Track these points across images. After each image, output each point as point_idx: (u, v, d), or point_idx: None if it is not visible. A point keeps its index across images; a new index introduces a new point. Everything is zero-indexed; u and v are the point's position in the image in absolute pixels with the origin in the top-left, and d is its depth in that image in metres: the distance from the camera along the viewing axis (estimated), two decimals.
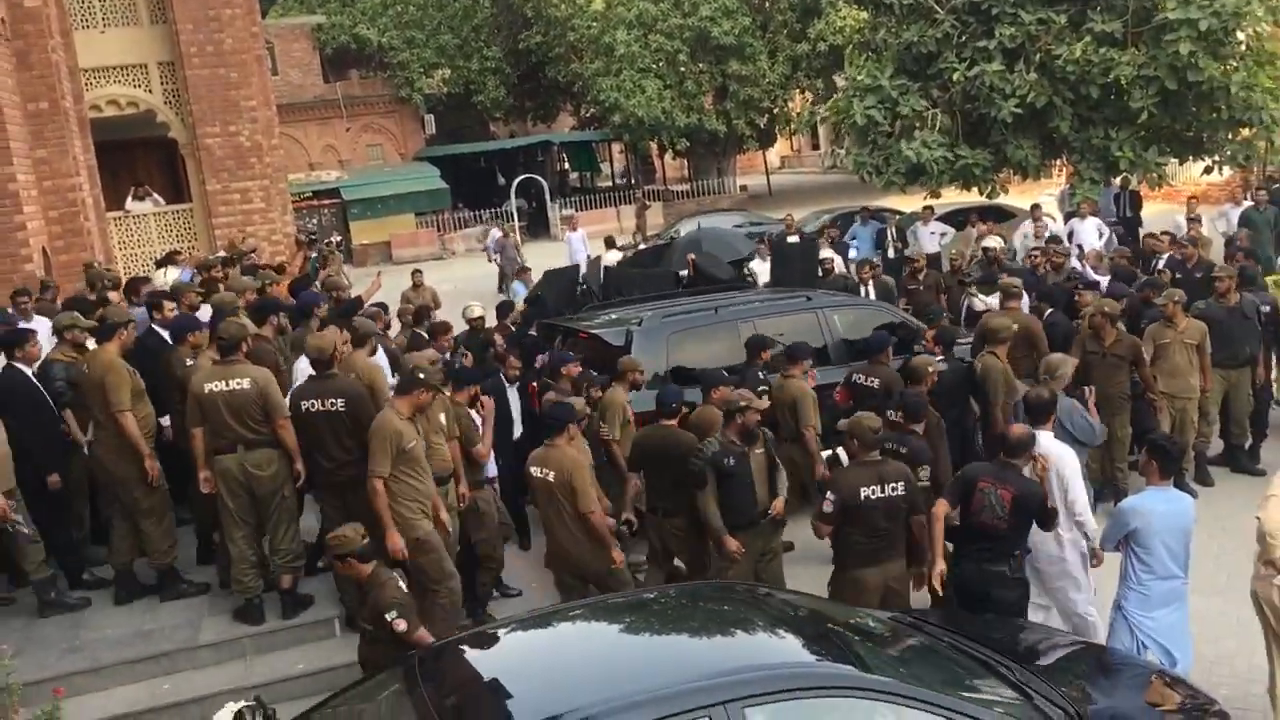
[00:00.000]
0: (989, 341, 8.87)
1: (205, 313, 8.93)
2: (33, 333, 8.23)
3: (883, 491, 6.36)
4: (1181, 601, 6.07)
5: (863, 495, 6.36)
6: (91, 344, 8.07)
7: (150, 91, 18.27)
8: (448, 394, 7.64)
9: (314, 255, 17.44)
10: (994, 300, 11.19)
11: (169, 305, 8.89)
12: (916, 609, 6.39)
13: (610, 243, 20.18)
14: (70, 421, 7.98)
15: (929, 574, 6.36)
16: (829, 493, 6.51)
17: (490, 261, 24.30)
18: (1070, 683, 4.92)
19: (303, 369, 7.84)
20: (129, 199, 19.08)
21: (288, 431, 7.19)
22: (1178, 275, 11.20)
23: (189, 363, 7.88)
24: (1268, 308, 10.17)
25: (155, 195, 19.33)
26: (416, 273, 16.16)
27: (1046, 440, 6.68)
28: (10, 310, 9.66)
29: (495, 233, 26.50)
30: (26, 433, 7.56)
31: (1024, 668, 4.90)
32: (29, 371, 7.87)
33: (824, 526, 6.56)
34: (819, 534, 6.71)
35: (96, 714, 6.61)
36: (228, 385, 7.09)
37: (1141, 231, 16.86)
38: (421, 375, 6.84)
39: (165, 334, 8.53)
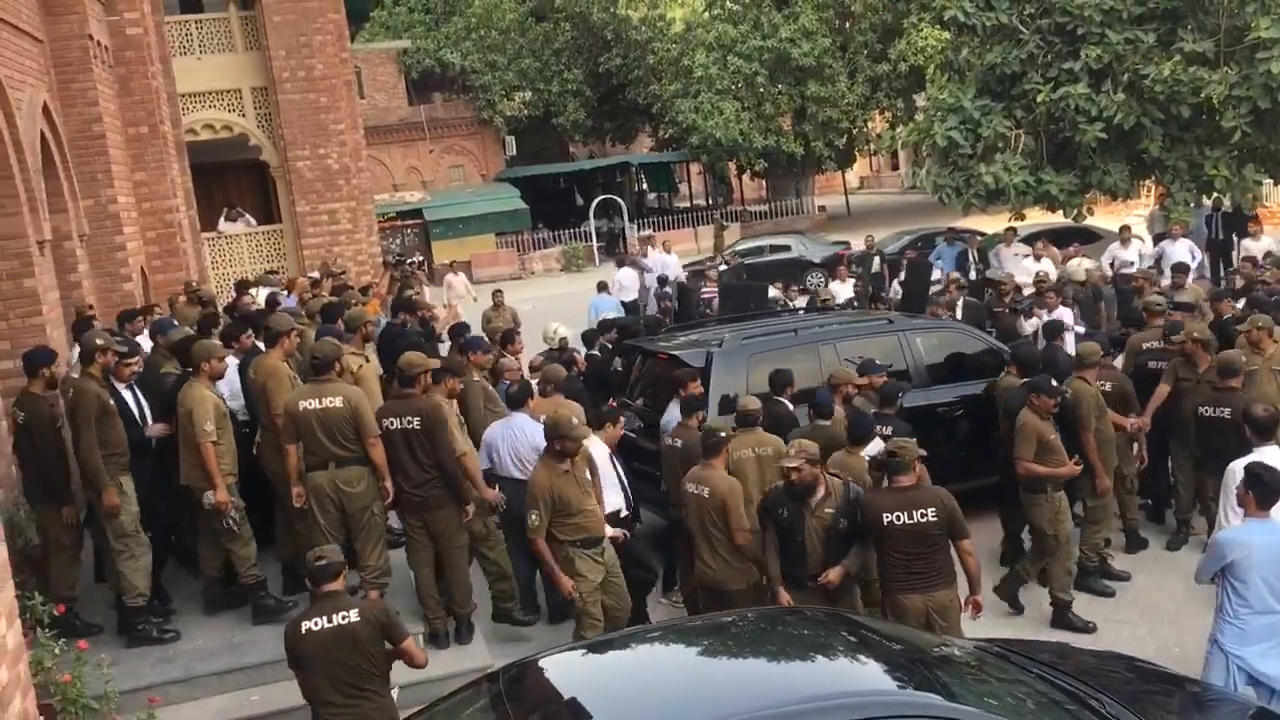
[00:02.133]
0: (1079, 366, 8.72)
1: None
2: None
3: (910, 518, 6.33)
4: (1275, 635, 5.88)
5: (886, 520, 6.35)
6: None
7: (244, 115, 18.83)
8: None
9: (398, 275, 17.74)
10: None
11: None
12: (1005, 639, 6.29)
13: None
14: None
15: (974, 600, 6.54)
16: (857, 512, 6.62)
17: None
18: (1162, 719, 4.82)
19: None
20: (222, 220, 19.65)
21: (378, 450, 7.34)
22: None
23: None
24: None
25: (247, 216, 19.88)
26: (497, 293, 16.35)
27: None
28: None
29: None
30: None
31: (1116, 701, 4.81)
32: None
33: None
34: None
35: None
36: (321, 403, 7.27)
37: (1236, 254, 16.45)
38: (562, 432, 7.01)
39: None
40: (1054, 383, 8.21)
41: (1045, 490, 7.93)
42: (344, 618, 5.48)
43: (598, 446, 7.73)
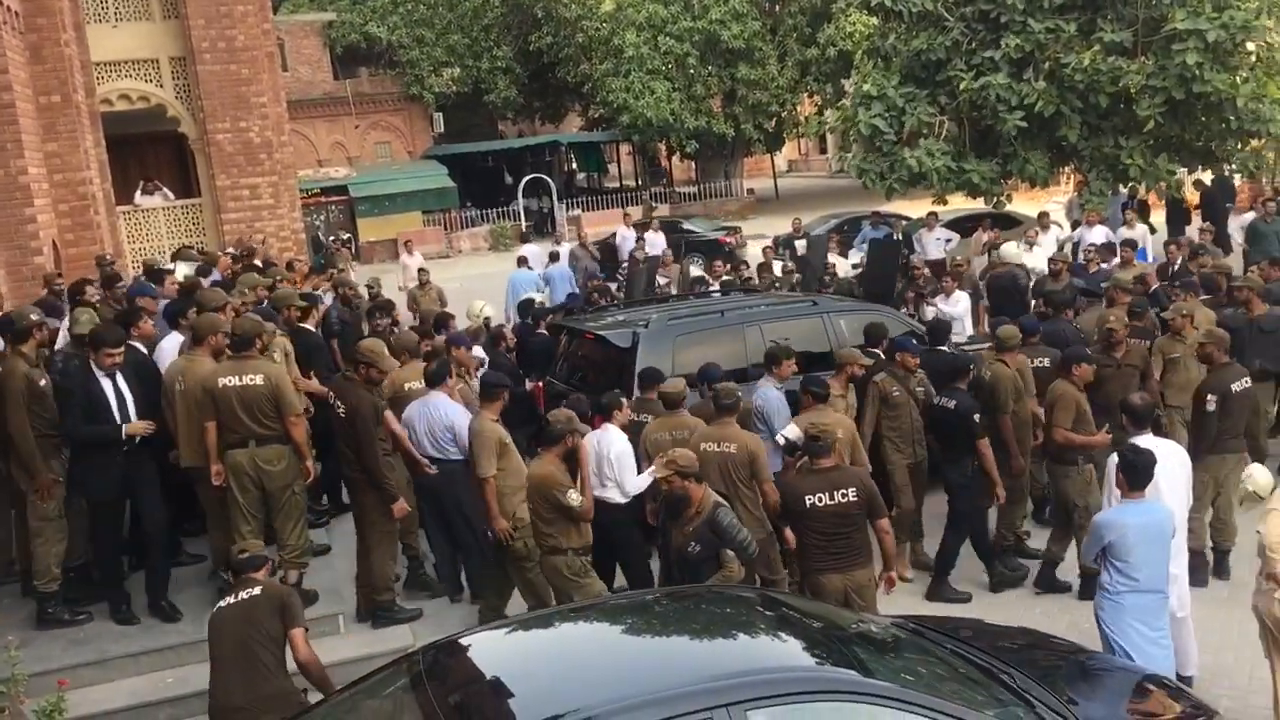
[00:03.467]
0: (999, 349, 8.89)
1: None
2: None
3: (832, 498, 6.44)
4: (1159, 612, 6.12)
5: (808, 502, 6.46)
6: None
7: (161, 86, 18.36)
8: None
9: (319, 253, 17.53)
10: (950, 308, 12.09)
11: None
12: (920, 615, 6.42)
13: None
14: None
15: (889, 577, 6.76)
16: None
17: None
18: (1058, 688, 4.94)
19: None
20: (138, 193, 19.17)
21: (299, 429, 7.24)
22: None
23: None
24: None
25: (165, 190, 19.43)
26: (423, 271, 16.19)
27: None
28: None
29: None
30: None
31: (1026, 675, 4.92)
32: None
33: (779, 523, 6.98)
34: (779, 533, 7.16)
35: (100, 706, 6.67)
36: (241, 380, 7.13)
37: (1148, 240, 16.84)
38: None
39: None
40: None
41: (1076, 462, 8.07)
42: (249, 593, 5.64)
43: (613, 432, 7.65)
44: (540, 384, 10.54)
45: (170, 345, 8.20)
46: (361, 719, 4.85)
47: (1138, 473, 6.11)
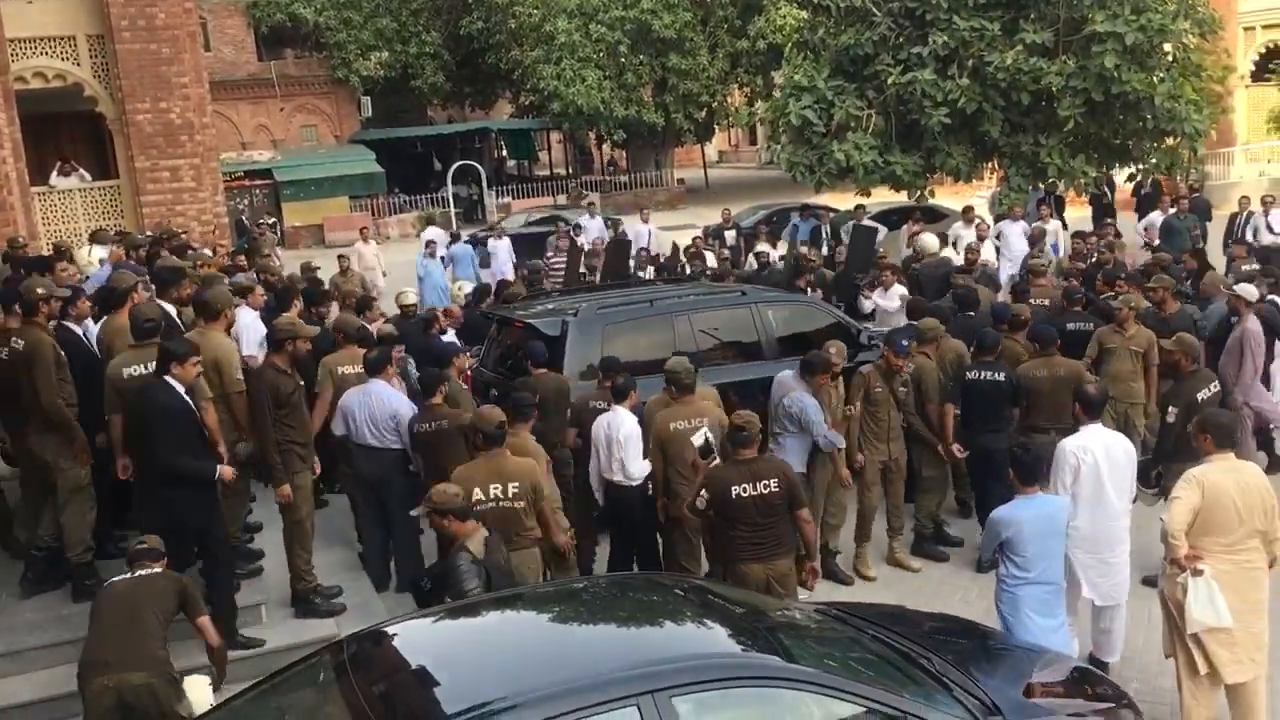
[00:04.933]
0: (920, 342, 9.04)
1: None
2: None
3: (755, 489, 6.52)
4: (1055, 603, 6.32)
5: (734, 493, 6.53)
6: None
7: (78, 64, 17.85)
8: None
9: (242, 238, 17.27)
10: (882, 300, 12.35)
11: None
12: (843, 602, 6.52)
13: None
14: None
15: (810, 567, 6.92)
16: (702, 490, 6.72)
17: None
18: (971, 672, 5.06)
19: None
20: (54, 174, 18.64)
21: (210, 415, 7.01)
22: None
23: None
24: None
25: (82, 171, 18.90)
26: (342, 258, 16.00)
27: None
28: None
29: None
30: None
31: (944, 660, 5.04)
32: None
33: (693, 519, 7.02)
34: (688, 525, 7.29)
35: (15, 698, 6.51)
36: (146, 368, 6.93)
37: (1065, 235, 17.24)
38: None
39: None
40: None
41: None
42: (147, 572, 5.78)
43: (624, 415, 7.64)
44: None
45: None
46: (285, 709, 4.81)
47: (1028, 468, 6.33)
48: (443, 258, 17.97)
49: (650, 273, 15.77)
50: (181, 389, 6.62)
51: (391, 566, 8.43)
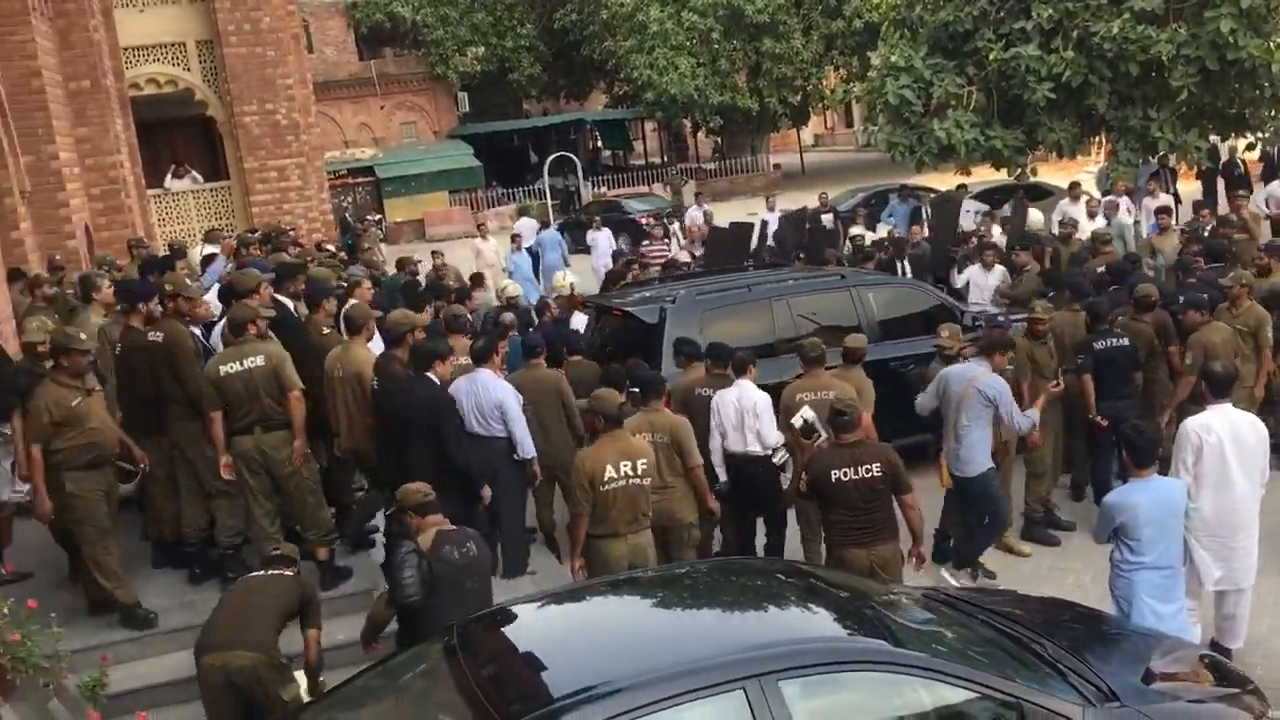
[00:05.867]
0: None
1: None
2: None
3: (856, 473, 6.45)
4: (1173, 589, 6.11)
5: (834, 477, 6.47)
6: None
7: (189, 70, 18.46)
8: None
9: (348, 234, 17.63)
10: (980, 277, 12.00)
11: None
12: (950, 586, 6.43)
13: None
14: None
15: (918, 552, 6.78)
16: (804, 473, 6.72)
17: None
18: (1080, 654, 4.94)
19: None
20: (168, 177, 19.31)
21: (300, 406, 7.23)
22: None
23: (325, 330, 8.20)
24: None
25: (194, 173, 19.55)
26: (436, 254, 16.15)
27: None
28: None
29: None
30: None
31: (1058, 645, 4.93)
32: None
33: (800, 502, 7.01)
34: (800, 510, 7.32)
35: (141, 681, 6.74)
36: (240, 365, 7.13)
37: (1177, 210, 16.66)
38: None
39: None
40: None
41: None
42: (277, 573, 6.06)
43: (750, 386, 7.80)
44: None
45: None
46: (397, 690, 4.93)
47: (1141, 450, 6.13)
48: (529, 248, 18.05)
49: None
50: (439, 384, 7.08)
51: (498, 552, 8.53)
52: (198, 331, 8.04)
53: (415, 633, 5.68)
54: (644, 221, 26.28)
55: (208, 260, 11.57)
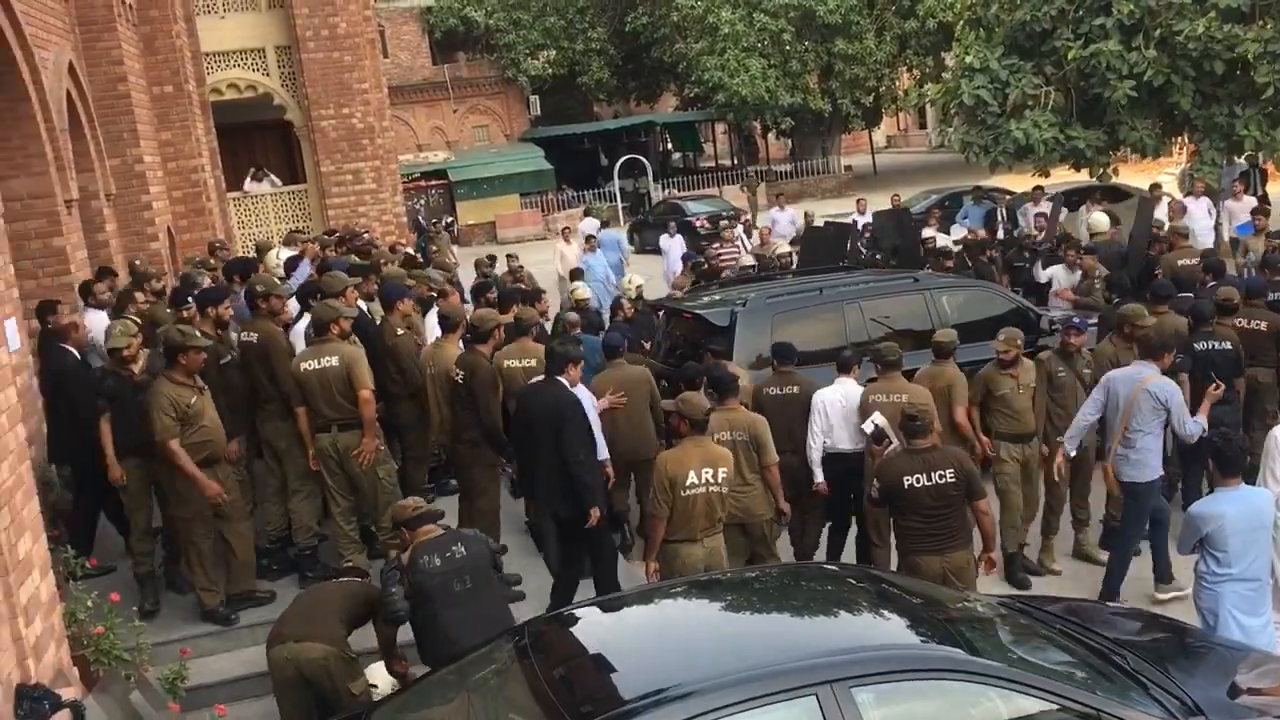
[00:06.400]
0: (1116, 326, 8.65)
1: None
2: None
3: (929, 479, 6.36)
4: (1260, 601, 5.95)
5: (906, 483, 6.39)
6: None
7: (268, 75, 18.82)
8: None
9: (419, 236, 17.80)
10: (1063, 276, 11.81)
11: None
12: (1027, 595, 6.31)
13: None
14: None
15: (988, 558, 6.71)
16: (875, 479, 6.69)
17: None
18: (1163, 666, 4.81)
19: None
20: (248, 180, 19.69)
21: (370, 406, 7.31)
22: None
23: (400, 332, 8.36)
24: None
25: (272, 176, 19.92)
26: (511, 257, 16.18)
27: None
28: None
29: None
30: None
31: (1140, 657, 4.81)
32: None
33: (874, 510, 6.95)
34: (870, 516, 7.21)
35: (220, 675, 6.87)
36: (319, 364, 7.27)
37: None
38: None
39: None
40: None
41: None
42: (350, 580, 6.27)
43: (851, 385, 7.95)
44: None
45: (301, 329, 8.35)
46: (469, 690, 4.95)
47: (1229, 460, 5.97)
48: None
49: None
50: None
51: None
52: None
53: (424, 643, 5.86)
54: (698, 224, 26.19)
55: (292, 263, 11.76)
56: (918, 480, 6.39)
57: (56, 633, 5.24)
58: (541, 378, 7.42)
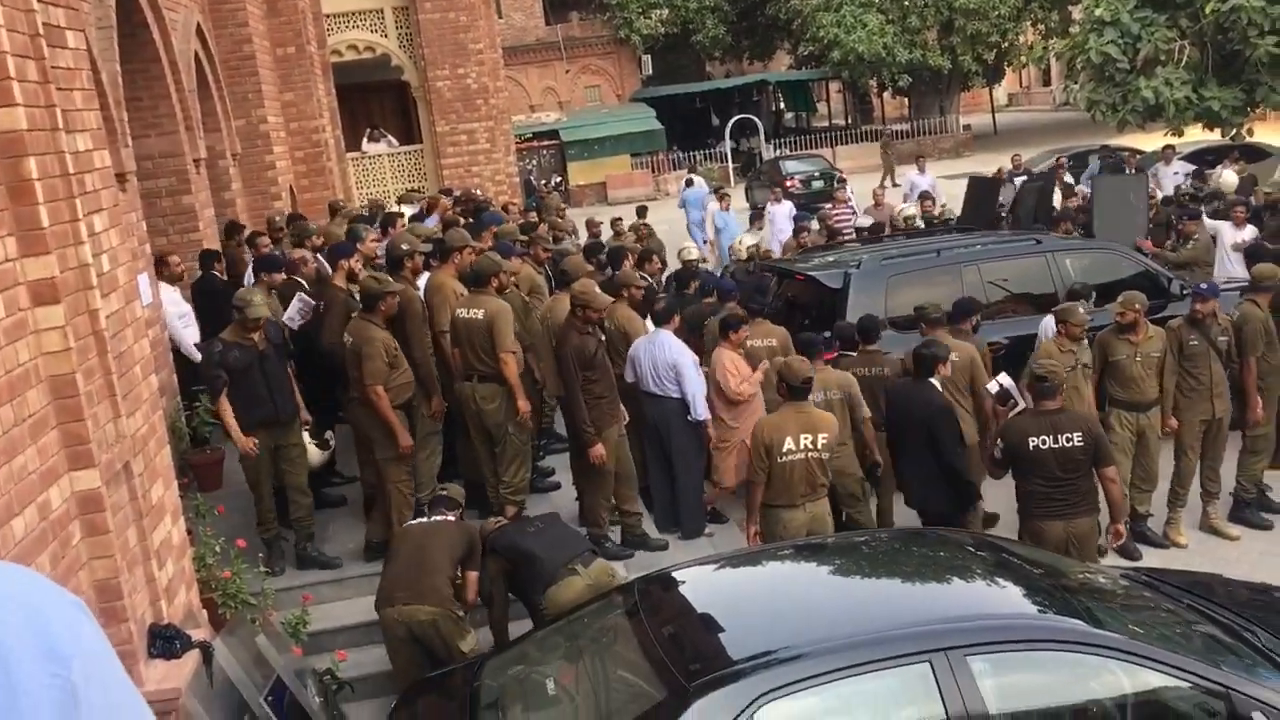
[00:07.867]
0: (1251, 288, 8.25)
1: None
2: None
3: (1055, 442, 6.16)
4: None
5: (1031, 445, 6.21)
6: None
7: (385, 36, 19.06)
8: None
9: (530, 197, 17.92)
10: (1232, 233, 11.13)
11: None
12: (1152, 568, 6.12)
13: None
14: None
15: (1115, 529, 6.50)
16: (999, 439, 6.50)
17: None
18: None
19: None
20: (365, 140, 20.03)
21: (509, 367, 7.38)
22: None
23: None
24: None
25: (389, 137, 20.22)
26: (617, 220, 16.18)
27: None
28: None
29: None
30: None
31: (1268, 632, 4.62)
32: None
33: (996, 470, 6.70)
34: (992, 476, 6.92)
35: (338, 621, 7.07)
36: (469, 313, 7.42)
37: None
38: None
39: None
40: None
41: None
42: (441, 519, 6.25)
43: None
44: None
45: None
46: (580, 645, 5.02)
47: None
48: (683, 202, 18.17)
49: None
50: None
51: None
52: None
53: (519, 583, 6.23)
54: (789, 185, 25.51)
55: (418, 218, 11.99)
56: (1043, 442, 6.20)
57: (187, 576, 5.45)
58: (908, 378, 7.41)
